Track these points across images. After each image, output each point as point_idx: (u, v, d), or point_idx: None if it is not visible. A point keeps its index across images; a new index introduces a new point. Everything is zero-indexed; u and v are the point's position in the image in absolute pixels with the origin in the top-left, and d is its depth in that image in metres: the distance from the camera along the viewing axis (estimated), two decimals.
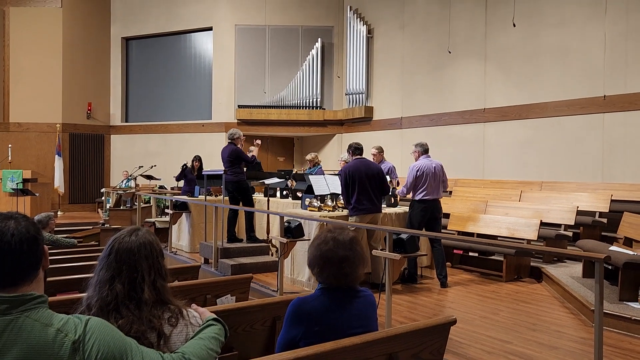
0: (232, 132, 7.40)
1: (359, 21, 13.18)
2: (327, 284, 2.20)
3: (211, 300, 3.47)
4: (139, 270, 1.74)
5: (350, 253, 2.16)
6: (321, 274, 2.19)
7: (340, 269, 2.14)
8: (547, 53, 9.32)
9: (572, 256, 6.73)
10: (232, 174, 7.21)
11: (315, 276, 2.24)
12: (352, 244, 2.19)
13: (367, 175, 5.83)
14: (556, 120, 9.16)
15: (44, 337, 1.32)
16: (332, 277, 2.17)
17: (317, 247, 2.20)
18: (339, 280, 2.17)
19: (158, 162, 13.40)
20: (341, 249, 2.16)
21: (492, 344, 4.06)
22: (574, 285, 5.53)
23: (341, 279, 2.17)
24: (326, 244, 2.18)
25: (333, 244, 2.17)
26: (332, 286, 2.19)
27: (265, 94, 14.09)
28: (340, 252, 2.15)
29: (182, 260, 7.73)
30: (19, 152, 14.31)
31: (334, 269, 2.15)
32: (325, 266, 2.16)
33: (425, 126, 11.62)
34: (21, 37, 14.65)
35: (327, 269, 2.16)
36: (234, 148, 7.26)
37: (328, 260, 2.15)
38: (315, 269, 2.21)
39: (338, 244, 2.17)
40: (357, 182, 5.77)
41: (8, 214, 1.44)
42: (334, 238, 2.19)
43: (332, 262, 2.15)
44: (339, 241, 2.18)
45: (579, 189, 8.37)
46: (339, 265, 2.14)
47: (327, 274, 2.17)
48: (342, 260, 2.14)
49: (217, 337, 1.70)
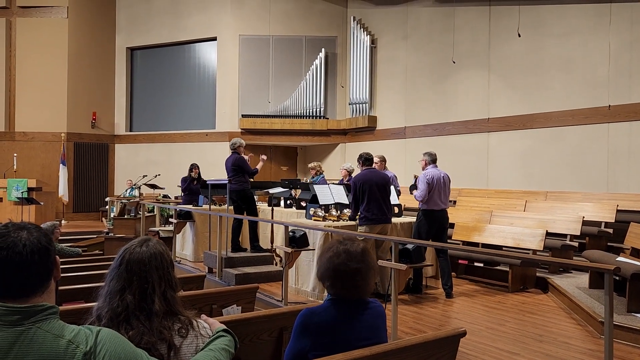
0: (233, 141, 7.42)
1: (362, 31, 13.25)
2: (337, 296, 2.17)
3: (217, 310, 3.46)
4: (149, 281, 1.73)
5: (363, 265, 2.14)
6: (333, 286, 2.16)
7: (353, 282, 2.12)
8: (551, 63, 9.34)
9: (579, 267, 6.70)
10: (236, 183, 7.22)
11: (326, 288, 2.21)
12: (363, 256, 2.16)
13: (378, 185, 5.85)
14: (560, 130, 9.16)
15: (55, 348, 1.32)
16: (345, 289, 2.14)
17: (329, 260, 2.16)
18: (351, 292, 2.14)
19: (162, 171, 13.42)
20: (353, 261, 2.13)
21: (499, 356, 4.03)
22: (580, 296, 5.49)
23: (353, 291, 2.14)
24: (338, 256, 2.15)
25: (345, 257, 2.14)
26: (342, 298, 2.16)
27: (269, 103, 14.14)
28: (353, 265, 2.12)
29: (186, 269, 7.72)
30: (24, 161, 14.36)
31: (346, 282, 2.12)
32: (337, 279, 2.13)
33: (429, 136, 11.63)
34: (27, 47, 14.76)
35: (339, 282, 2.13)
36: (238, 157, 7.27)
37: (340, 273, 2.12)
38: (326, 282, 2.18)
39: (350, 257, 2.14)
40: (367, 192, 5.77)
41: (20, 225, 1.44)
42: (346, 251, 2.16)
43: (345, 275, 2.12)
44: (350, 253, 2.15)
45: (584, 199, 8.34)
46: (351, 278, 2.12)
47: (339, 286, 2.14)
48: (355, 274, 2.12)
49: (227, 349, 1.69)
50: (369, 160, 6.09)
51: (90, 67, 15.31)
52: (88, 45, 15.29)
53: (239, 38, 14.20)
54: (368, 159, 6.08)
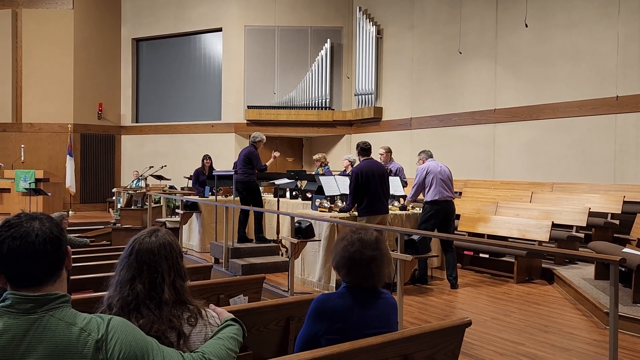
0: (254, 135, 7.48)
1: (368, 22, 13.18)
2: (353, 284, 2.21)
3: (224, 300, 3.49)
4: (159, 270, 1.76)
5: (377, 253, 2.18)
6: (348, 274, 2.20)
7: (369, 269, 2.16)
8: (558, 53, 9.27)
9: (585, 258, 6.71)
10: (243, 174, 7.25)
11: (341, 277, 2.25)
12: (377, 244, 2.21)
13: (379, 176, 5.83)
14: (567, 121, 9.11)
15: (68, 335, 1.34)
16: (361, 277, 2.18)
17: (344, 249, 2.21)
18: (367, 280, 2.18)
19: (168, 163, 13.47)
20: (368, 249, 2.17)
21: (504, 346, 4.05)
22: (586, 287, 5.50)
23: (369, 279, 2.18)
24: (352, 245, 2.19)
25: (360, 245, 2.18)
26: (358, 286, 2.20)
27: (275, 94, 14.12)
28: (368, 253, 2.16)
29: (193, 260, 7.77)
30: (32, 152, 14.44)
31: (362, 270, 2.17)
32: (352, 267, 2.18)
33: (435, 127, 11.60)
34: (33, 38, 14.79)
35: (355, 270, 2.18)
36: (252, 151, 7.32)
37: (356, 261, 2.17)
38: (342, 271, 2.22)
39: (364, 245, 2.18)
40: (370, 183, 5.76)
41: (32, 215, 1.46)
42: (360, 239, 2.20)
43: (360, 263, 2.16)
44: (365, 241, 2.19)
45: (590, 190, 8.31)
46: (367, 266, 2.16)
47: (355, 274, 2.18)
48: (370, 261, 2.16)
49: (236, 337, 1.72)
50: (366, 150, 6.02)
51: (96, 58, 15.33)
52: (94, 36, 15.30)
53: (245, 29, 14.16)
54: (365, 149, 6.01)
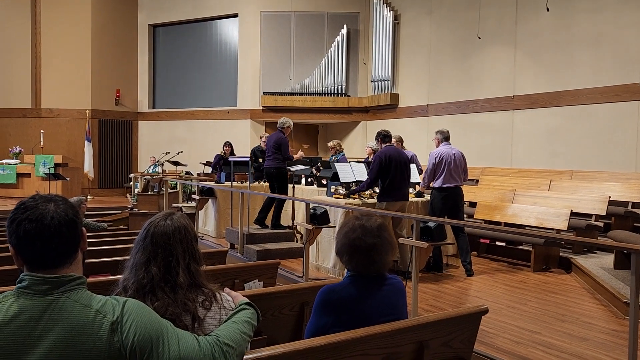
0: (282, 120, 7.46)
1: (385, 7, 13.01)
2: (356, 272, 2.19)
3: (239, 285, 3.52)
4: (173, 253, 1.76)
5: (378, 240, 2.15)
6: (350, 261, 2.18)
7: (369, 256, 2.13)
8: (579, 39, 9.06)
9: (604, 247, 6.60)
10: (274, 160, 7.26)
11: (344, 264, 2.24)
12: (379, 231, 2.17)
13: (400, 162, 5.84)
14: (588, 108, 8.93)
15: (84, 317, 1.34)
16: (361, 264, 2.16)
17: (345, 235, 2.19)
18: (368, 267, 2.16)
19: (184, 148, 13.55)
20: (369, 236, 2.14)
21: (520, 334, 4.02)
22: (605, 276, 5.42)
23: (370, 266, 2.16)
24: (354, 231, 2.17)
25: (361, 232, 2.15)
26: (361, 274, 2.18)
27: (291, 80, 14.07)
28: (368, 240, 2.14)
29: (209, 245, 7.83)
30: (51, 137, 14.63)
31: (362, 257, 2.14)
32: (353, 254, 2.15)
33: (452, 114, 11.46)
34: (52, 24, 14.90)
35: (356, 256, 2.15)
36: (282, 137, 7.30)
37: (356, 248, 2.14)
38: (344, 257, 2.20)
39: (366, 231, 2.15)
40: (392, 168, 5.76)
41: (48, 197, 1.46)
42: (361, 225, 2.17)
43: (360, 250, 2.14)
44: (366, 228, 2.16)
45: (611, 179, 8.16)
46: (367, 253, 2.13)
47: (356, 261, 2.16)
48: (370, 248, 2.13)
49: (250, 321, 1.71)
50: (388, 137, 6.08)
51: (114, 44, 15.41)
52: (111, 22, 15.37)
53: (261, 14, 14.09)
54: (387, 136, 6.07)
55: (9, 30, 14.87)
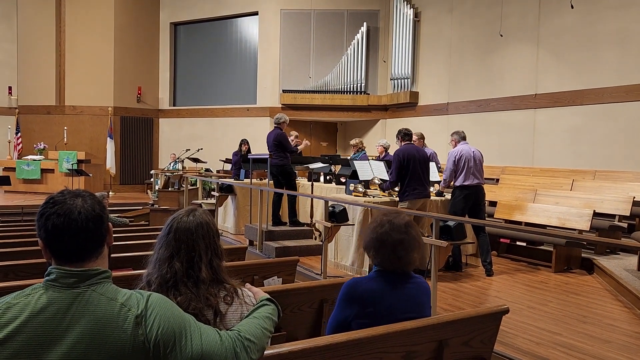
0: (278, 116, 7.49)
1: (405, 4, 12.93)
2: (382, 267, 2.22)
3: (259, 281, 3.54)
4: (196, 249, 1.79)
5: (405, 237, 2.17)
6: (376, 256, 2.21)
7: (395, 252, 2.16)
8: (605, 36, 8.89)
9: (628, 248, 6.48)
10: (277, 158, 7.28)
11: (370, 259, 2.26)
12: (407, 228, 2.20)
13: (420, 160, 5.85)
14: (613, 107, 8.76)
15: (109, 310, 1.37)
16: (387, 259, 2.18)
17: (373, 230, 2.22)
18: (393, 263, 2.18)
19: (204, 146, 13.67)
20: (396, 232, 2.17)
21: (541, 335, 3.97)
22: (628, 278, 5.33)
23: (395, 262, 2.18)
24: (382, 226, 2.20)
25: (389, 227, 2.19)
26: (387, 269, 2.20)
27: (310, 78, 14.07)
28: (395, 236, 2.16)
29: (228, 241, 7.89)
30: (74, 134, 14.88)
31: (388, 252, 2.17)
32: (380, 249, 2.18)
33: (473, 112, 11.35)
34: (76, 22, 15.13)
35: (382, 251, 2.18)
36: (280, 133, 7.33)
37: (383, 243, 2.17)
38: (371, 252, 2.23)
39: (393, 227, 2.18)
40: (411, 166, 5.77)
41: (76, 192, 1.49)
42: (389, 221, 2.21)
43: (387, 245, 2.16)
44: (394, 224, 2.19)
45: (635, 179, 8.00)
46: (393, 248, 2.16)
47: (382, 256, 2.19)
48: (397, 244, 2.16)
49: (271, 317, 1.73)
50: (409, 135, 6.09)
51: (136, 42, 15.60)
52: (133, 20, 15.56)
53: (281, 12, 14.12)
54: (407, 134, 6.08)
55: (34, 28, 15.16)
